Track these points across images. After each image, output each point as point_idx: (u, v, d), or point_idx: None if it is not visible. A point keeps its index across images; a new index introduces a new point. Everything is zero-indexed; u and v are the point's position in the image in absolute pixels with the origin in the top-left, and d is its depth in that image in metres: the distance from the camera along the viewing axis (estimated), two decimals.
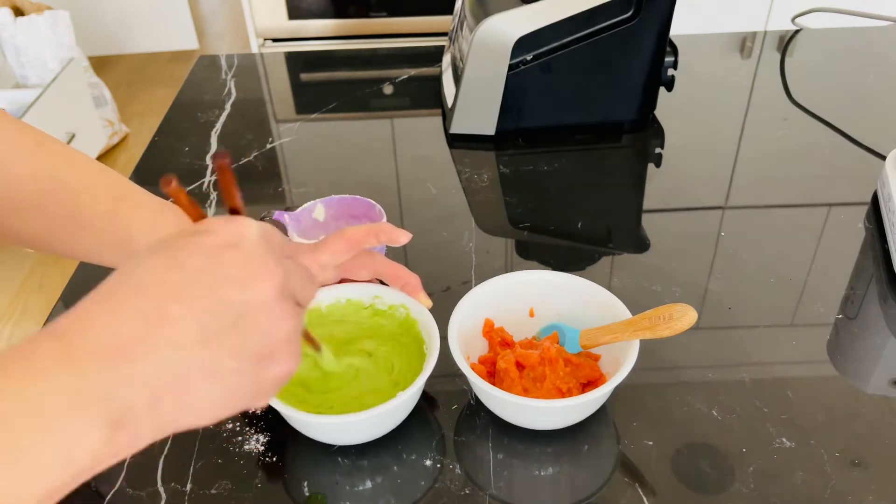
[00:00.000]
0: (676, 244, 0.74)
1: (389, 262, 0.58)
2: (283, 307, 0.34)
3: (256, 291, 0.33)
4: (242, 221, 0.35)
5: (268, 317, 0.34)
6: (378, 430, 0.54)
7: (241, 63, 1.12)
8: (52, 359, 0.30)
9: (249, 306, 0.33)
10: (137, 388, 0.30)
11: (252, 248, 0.34)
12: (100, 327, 0.31)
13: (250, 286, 0.33)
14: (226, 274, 0.33)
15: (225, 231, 0.34)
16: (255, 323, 0.33)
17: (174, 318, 0.31)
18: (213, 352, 0.32)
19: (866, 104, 0.99)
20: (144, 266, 0.33)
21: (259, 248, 0.34)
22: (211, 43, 3.25)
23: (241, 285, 0.33)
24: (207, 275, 0.32)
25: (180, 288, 0.32)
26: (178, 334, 0.31)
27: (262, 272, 0.34)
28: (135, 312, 0.31)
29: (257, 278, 0.33)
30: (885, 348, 0.62)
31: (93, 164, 0.57)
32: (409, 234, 0.56)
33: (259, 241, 0.34)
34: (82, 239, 0.56)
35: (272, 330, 0.34)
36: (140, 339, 0.31)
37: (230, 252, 0.33)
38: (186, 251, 0.33)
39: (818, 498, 0.50)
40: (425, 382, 0.52)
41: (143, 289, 0.32)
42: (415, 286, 0.57)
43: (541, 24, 0.84)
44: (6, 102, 2.13)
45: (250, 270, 0.33)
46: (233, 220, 0.35)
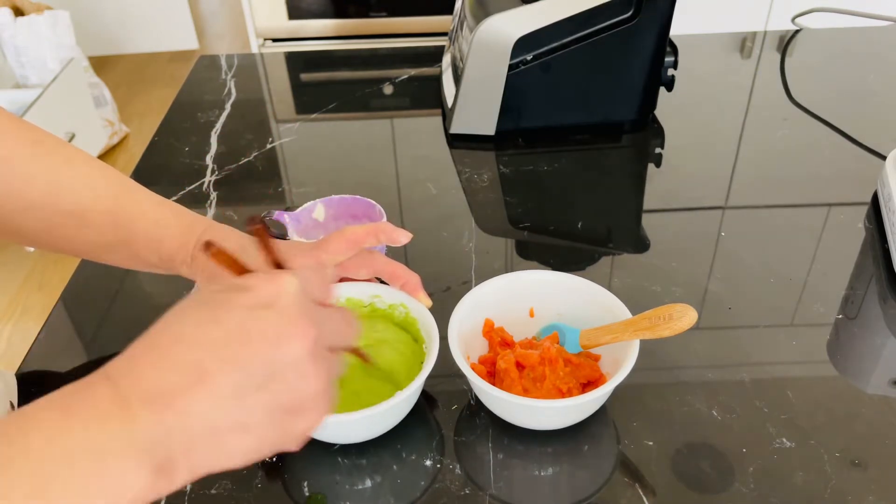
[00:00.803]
0: (676, 244, 0.74)
1: (389, 261, 0.58)
2: (314, 365, 0.36)
3: (288, 351, 0.35)
4: (281, 280, 0.36)
5: (298, 375, 0.35)
6: (377, 429, 0.54)
7: (241, 63, 1.12)
8: (109, 405, 0.32)
9: (281, 365, 0.35)
10: (178, 438, 0.32)
11: (286, 308, 0.35)
12: (145, 377, 0.33)
13: (282, 346, 0.34)
14: (261, 332, 0.34)
15: (263, 289, 0.35)
16: (285, 380, 0.35)
17: (211, 373, 0.33)
18: (245, 407, 0.34)
19: (866, 104, 0.99)
20: (187, 319, 0.35)
21: (293, 308, 0.35)
22: (211, 43, 3.25)
23: (274, 345, 0.34)
24: (244, 333, 0.34)
25: (218, 344, 0.33)
26: (214, 389, 0.33)
27: (294, 332, 0.35)
28: (175, 366, 0.33)
29: (290, 338, 0.35)
30: (885, 348, 0.62)
31: (93, 162, 0.57)
32: (409, 234, 0.57)
33: (294, 299, 0.36)
34: (83, 236, 0.56)
35: (302, 387, 0.35)
36: (180, 392, 0.32)
37: (266, 311, 0.35)
38: (225, 308, 0.35)
39: (818, 498, 0.50)
40: (425, 382, 0.52)
41: (184, 342, 0.34)
42: (414, 285, 0.58)
43: (541, 24, 0.84)
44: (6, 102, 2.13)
45: (284, 330, 0.35)
46: (272, 277, 0.36)
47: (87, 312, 0.69)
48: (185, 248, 0.57)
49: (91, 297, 0.70)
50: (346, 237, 0.55)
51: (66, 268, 2.05)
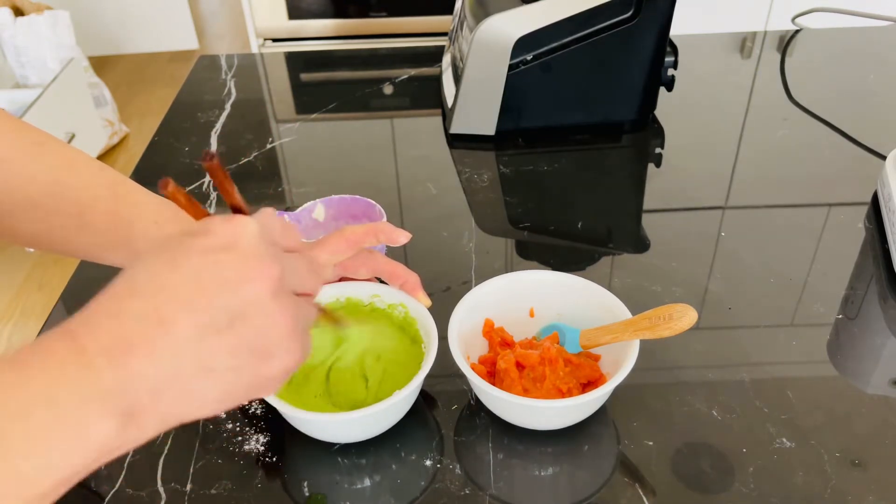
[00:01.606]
0: (676, 244, 0.74)
1: (388, 261, 0.58)
2: (281, 304, 0.35)
3: (251, 291, 0.34)
4: (240, 221, 0.36)
5: (263, 315, 0.35)
6: (377, 429, 0.54)
7: (241, 63, 1.12)
8: (65, 355, 0.31)
9: (245, 306, 0.34)
10: (141, 383, 0.32)
11: (247, 249, 0.35)
12: (106, 327, 0.32)
13: (244, 287, 0.34)
14: (221, 275, 0.34)
15: (222, 232, 0.35)
16: (250, 322, 0.34)
17: (170, 319, 0.33)
18: (209, 351, 0.33)
19: (866, 104, 0.99)
20: (145, 268, 0.34)
21: (254, 248, 0.35)
22: (211, 43, 3.25)
23: (235, 286, 0.34)
24: (203, 276, 0.34)
25: (177, 290, 0.33)
26: (175, 334, 0.33)
27: (256, 272, 0.34)
28: (135, 314, 0.33)
29: (252, 279, 0.34)
30: (885, 348, 0.62)
31: (93, 163, 0.57)
32: (409, 234, 0.56)
33: (255, 240, 0.35)
34: (83, 237, 0.56)
35: (269, 328, 0.35)
36: (140, 339, 0.32)
37: (225, 254, 0.34)
38: (184, 253, 0.34)
39: (818, 498, 0.50)
40: (424, 382, 0.52)
41: (141, 291, 0.33)
42: (414, 285, 0.58)
43: (541, 24, 0.84)
44: (6, 102, 2.13)
45: (245, 271, 0.34)
46: (231, 220, 0.36)
47: None
48: None
49: (91, 297, 0.70)
50: (346, 237, 0.55)
51: (66, 268, 2.05)
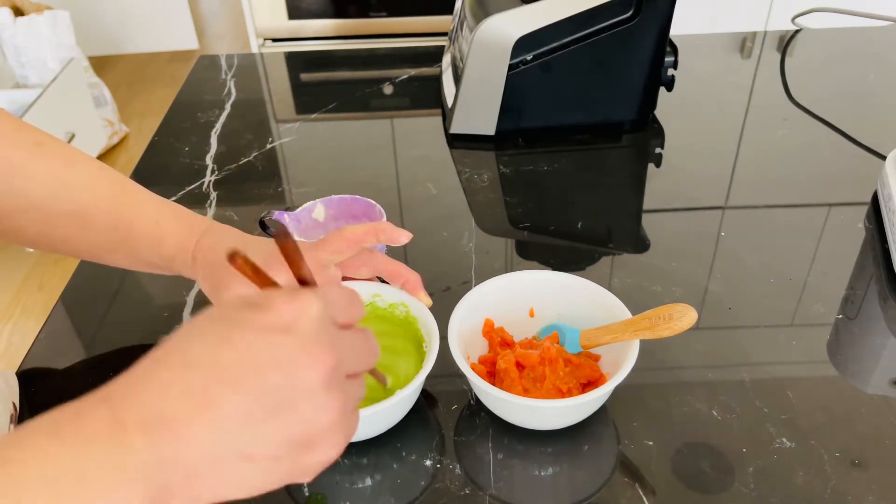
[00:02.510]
0: (676, 244, 0.74)
1: (389, 260, 0.58)
2: (331, 394, 0.34)
3: (302, 380, 0.32)
4: (304, 300, 0.34)
5: (312, 406, 0.33)
6: (377, 428, 0.54)
7: (241, 63, 1.12)
8: (101, 427, 0.30)
9: (293, 394, 0.32)
10: (177, 466, 0.31)
11: (306, 333, 0.33)
12: (147, 401, 0.31)
13: (296, 375, 0.32)
14: (275, 358, 0.32)
15: (284, 310, 0.33)
16: (298, 411, 0.33)
17: (217, 399, 0.31)
18: (252, 437, 0.32)
19: (866, 104, 0.99)
20: (197, 337, 0.33)
21: (313, 333, 0.33)
22: (211, 43, 3.25)
23: (288, 372, 0.32)
24: (257, 357, 0.32)
25: (227, 368, 0.31)
26: (220, 417, 0.31)
27: (310, 360, 0.33)
28: (180, 389, 0.31)
29: (305, 367, 0.32)
30: (885, 348, 0.62)
31: (93, 163, 0.57)
32: (410, 234, 0.56)
33: (315, 323, 0.33)
34: (83, 238, 0.56)
35: (316, 419, 0.33)
36: (183, 418, 0.31)
37: (283, 336, 0.32)
38: (239, 328, 0.32)
39: (818, 498, 0.50)
40: (425, 381, 0.52)
41: (191, 364, 0.32)
42: (415, 284, 0.57)
43: (541, 24, 0.84)
44: (6, 102, 2.13)
45: (300, 358, 0.32)
46: (295, 297, 0.34)
47: (87, 312, 0.69)
48: (185, 249, 0.57)
49: (91, 297, 0.70)
50: (346, 236, 0.55)
51: (66, 268, 2.05)
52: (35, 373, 0.62)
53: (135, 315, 0.67)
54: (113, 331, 0.66)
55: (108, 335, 0.66)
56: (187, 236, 0.57)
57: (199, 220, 0.58)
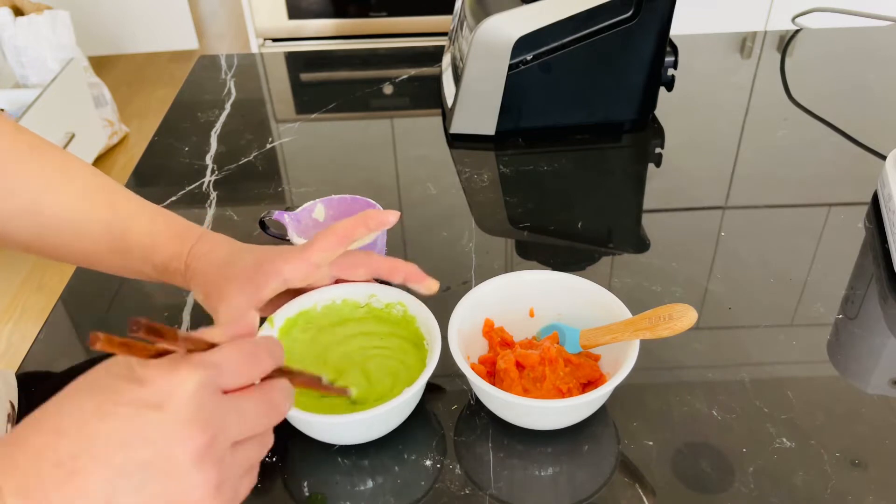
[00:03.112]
0: (676, 244, 0.74)
1: (386, 259, 0.58)
2: (203, 471, 0.34)
3: (172, 458, 0.33)
4: (178, 376, 0.33)
5: (180, 484, 0.33)
6: (380, 430, 0.53)
7: (241, 63, 1.12)
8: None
9: (162, 471, 0.33)
10: None
11: (177, 410, 0.33)
12: (21, 466, 0.32)
13: (166, 452, 0.33)
14: (144, 435, 0.32)
15: (157, 387, 0.33)
16: (166, 489, 0.33)
17: (84, 471, 0.32)
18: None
19: (866, 104, 0.99)
20: (73, 404, 0.33)
21: (184, 411, 0.33)
22: (211, 43, 3.25)
23: (156, 450, 0.32)
24: (126, 433, 0.32)
25: (97, 441, 0.32)
26: (86, 487, 0.32)
27: (180, 439, 0.33)
28: (52, 458, 0.32)
29: (175, 445, 0.33)
30: (885, 348, 0.62)
31: (89, 170, 0.57)
32: (397, 212, 0.56)
33: (188, 400, 0.33)
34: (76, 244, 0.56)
35: (185, 497, 0.33)
36: (52, 486, 0.32)
37: (154, 413, 0.33)
38: (112, 402, 0.33)
39: (818, 498, 0.50)
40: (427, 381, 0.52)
41: (63, 433, 0.32)
42: (416, 273, 0.57)
43: (541, 24, 0.83)
44: (6, 102, 2.13)
45: (169, 436, 0.33)
46: (170, 371, 0.34)
47: (86, 313, 0.69)
48: (178, 258, 0.56)
49: (91, 297, 0.70)
50: (336, 232, 0.54)
51: (66, 269, 2.05)
52: (35, 375, 0.62)
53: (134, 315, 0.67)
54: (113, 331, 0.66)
55: None
56: (179, 245, 0.56)
57: (193, 228, 0.58)
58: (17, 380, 0.60)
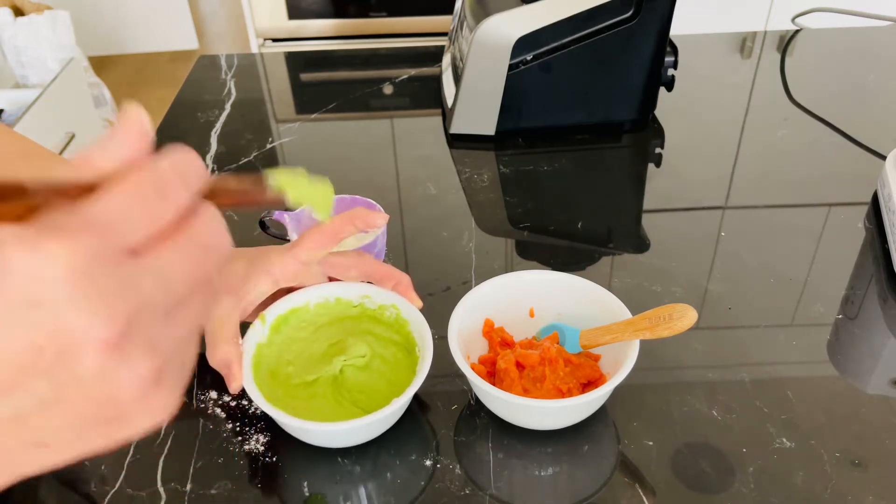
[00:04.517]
0: (676, 244, 0.74)
1: (379, 263, 0.58)
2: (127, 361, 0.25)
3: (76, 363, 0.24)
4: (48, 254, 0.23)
5: (101, 386, 0.25)
6: (369, 434, 0.53)
7: (241, 63, 1.12)
8: None
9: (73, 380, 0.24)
10: None
11: (59, 300, 0.23)
12: None
13: (66, 359, 0.24)
14: (32, 342, 0.23)
15: (24, 273, 0.23)
16: (85, 396, 0.25)
17: None
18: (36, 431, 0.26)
19: (866, 104, 0.99)
20: None
21: (68, 297, 0.23)
22: (211, 43, 3.25)
23: (54, 355, 0.24)
24: (9, 344, 0.23)
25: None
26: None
27: (78, 337, 0.24)
28: None
29: (74, 346, 0.24)
30: (885, 348, 0.62)
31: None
32: (386, 215, 0.56)
33: (67, 284, 0.23)
34: None
35: (113, 398, 0.25)
36: None
37: (32, 312, 0.23)
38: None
39: (818, 498, 0.50)
40: (424, 381, 0.52)
41: None
42: (406, 285, 0.57)
43: (541, 24, 0.83)
44: (6, 102, 2.13)
45: (63, 337, 0.24)
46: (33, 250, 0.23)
47: None
48: None
49: None
50: (323, 230, 0.54)
51: None
52: None
53: None
54: None
55: None
56: None
57: None
58: None
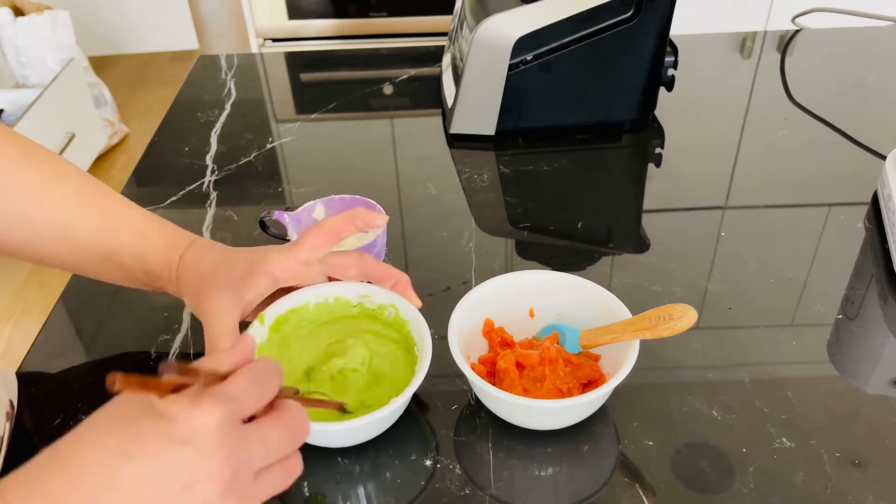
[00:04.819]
0: (676, 244, 0.74)
1: (378, 263, 0.58)
2: (226, 501, 0.34)
3: (198, 493, 0.33)
4: (203, 411, 0.33)
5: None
6: (370, 434, 0.53)
7: (241, 63, 1.12)
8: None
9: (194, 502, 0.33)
10: None
11: (203, 445, 0.33)
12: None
13: (193, 489, 0.33)
14: (171, 474, 0.32)
15: (182, 422, 0.33)
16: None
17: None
18: None
19: (866, 104, 0.99)
20: (95, 443, 0.33)
21: (211, 445, 0.33)
22: (211, 43, 3.25)
23: (184, 488, 0.32)
24: (152, 471, 0.32)
25: (123, 481, 0.32)
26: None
27: (207, 474, 0.33)
28: (74, 499, 0.31)
29: (202, 481, 0.33)
30: (885, 348, 0.62)
31: (83, 176, 0.57)
32: (386, 216, 0.56)
33: (213, 435, 0.33)
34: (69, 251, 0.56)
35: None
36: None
37: (180, 449, 0.32)
38: (139, 439, 0.32)
39: (818, 498, 0.50)
40: (424, 381, 0.52)
41: (86, 473, 0.32)
42: (405, 285, 0.57)
43: (541, 24, 0.83)
44: (6, 102, 2.13)
45: (196, 472, 0.33)
46: (196, 406, 0.33)
47: (87, 312, 0.69)
48: (169, 266, 0.56)
49: (91, 297, 0.70)
50: (324, 229, 0.54)
51: None
52: (35, 375, 0.62)
53: (135, 315, 0.67)
54: (113, 331, 0.66)
55: (108, 335, 0.66)
56: (170, 253, 0.56)
57: (184, 237, 0.58)
58: (17, 379, 0.60)
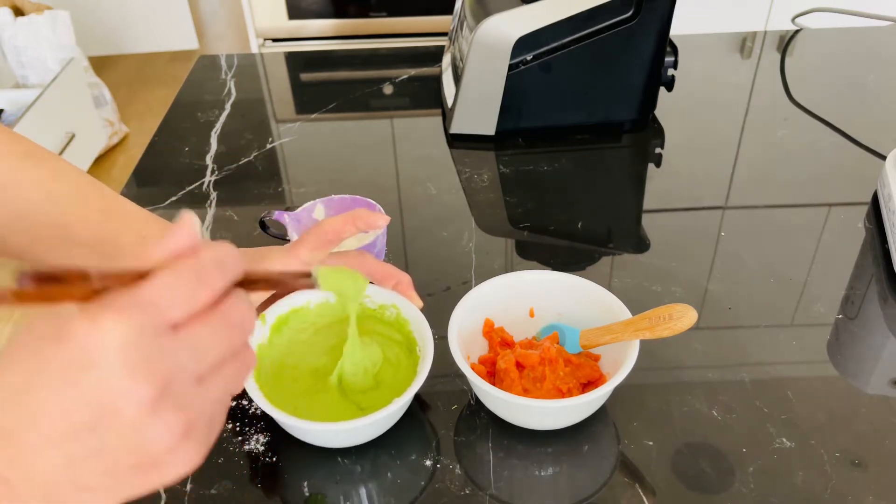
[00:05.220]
0: (676, 244, 0.74)
1: (380, 262, 0.58)
2: (161, 421, 0.31)
3: (120, 416, 0.30)
4: (104, 324, 0.29)
5: (139, 437, 0.30)
6: (370, 434, 0.53)
7: (241, 63, 1.12)
8: None
9: (115, 430, 0.30)
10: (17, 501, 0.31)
11: (110, 367, 0.29)
12: None
13: (111, 412, 0.30)
14: (84, 400, 0.29)
15: (80, 343, 0.29)
16: (125, 444, 0.30)
17: (34, 446, 0.30)
18: (82, 474, 0.31)
19: (866, 104, 0.99)
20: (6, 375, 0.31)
21: (118, 365, 0.29)
22: (211, 43, 3.25)
23: (100, 413, 0.30)
24: (64, 400, 0.30)
25: (37, 416, 0.30)
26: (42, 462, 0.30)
27: (122, 394, 0.29)
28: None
29: (118, 402, 0.30)
30: (885, 348, 0.62)
31: (83, 177, 0.57)
32: (387, 217, 0.56)
33: (118, 355, 0.29)
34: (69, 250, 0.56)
35: (149, 447, 0.31)
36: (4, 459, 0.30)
37: (85, 374, 0.29)
38: (39, 370, 0.30)
39: (818, 498, 0.50)
40: (425, 382, 0.52)
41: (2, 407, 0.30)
42: (406, 285, 0.57)
43: (541, 24, 0.84)
44: (6, 102, 2.13)
45: (109, 396, 0.30)
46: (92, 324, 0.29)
47: None
48: None
49: None
50: (325, 230, 0.54)
51: None
52: None
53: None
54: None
55: None
56: None
57: None
58: None
